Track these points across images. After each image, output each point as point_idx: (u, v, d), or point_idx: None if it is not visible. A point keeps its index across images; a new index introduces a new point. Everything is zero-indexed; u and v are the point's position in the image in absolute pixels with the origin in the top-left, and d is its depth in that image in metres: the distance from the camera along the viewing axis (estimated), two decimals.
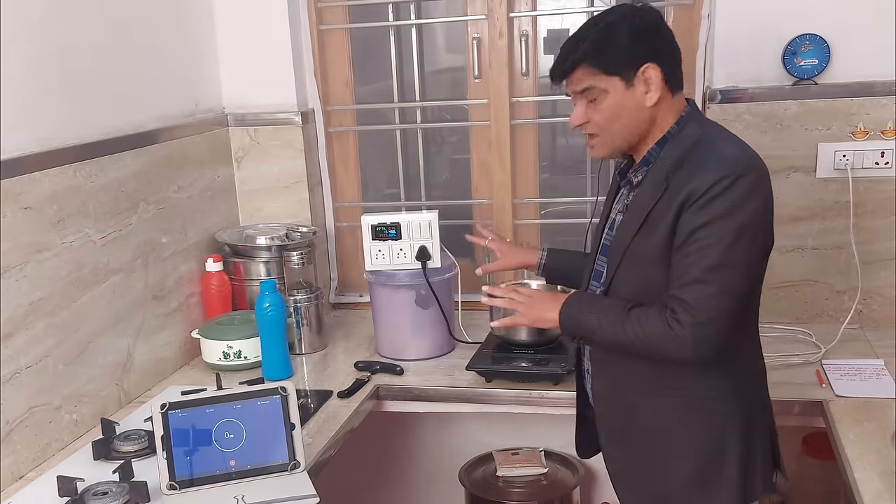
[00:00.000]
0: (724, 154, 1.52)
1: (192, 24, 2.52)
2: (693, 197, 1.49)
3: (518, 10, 2.61)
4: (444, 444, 2.89)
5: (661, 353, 1.54)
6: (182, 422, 1.66)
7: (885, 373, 2.05)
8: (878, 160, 2.29)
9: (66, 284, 1.93)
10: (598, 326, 1.60)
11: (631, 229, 1.60)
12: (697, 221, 1.48)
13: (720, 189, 1.46)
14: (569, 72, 1.58)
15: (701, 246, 1.48)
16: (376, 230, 2.35)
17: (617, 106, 1.57)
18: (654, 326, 1.52)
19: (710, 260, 1.47)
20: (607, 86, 1.56)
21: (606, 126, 1.60)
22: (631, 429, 1.69)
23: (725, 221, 1.47)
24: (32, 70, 1.87)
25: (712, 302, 1.48)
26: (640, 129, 1.60)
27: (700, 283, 1.48)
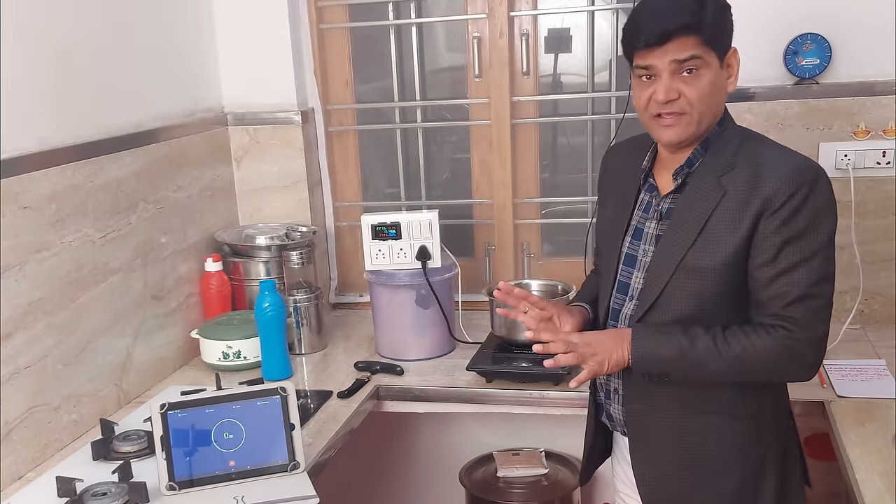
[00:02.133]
0: (791, 159, 1.48)
1: (192, 23, 2.52)
2: (772, 206, 1.43)
3: (519, 9, 2.61)
4: (445, 444, 2.89)
5: (777, 374, 1.53)
6: (181, 422, 1.65)
7: (886, 373, 2.05)
8: (880, 160, 2.29)
9: (65, 284, 1.93)
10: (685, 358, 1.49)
11: (684, 240, 1.51)
12: (785, 235, 1.43)
13: (802, 198, 1.42)
14: (676, 35, 1.44)
15: (797, 260, 1.44)
16: (376, 230, 2.34)
17: (712, 84, 1.48)
18: (767, 349, 1.47)
19: (810, 275, 1.45)
20: (710, 60, 1.47)
21: (699, 102, 1.48)
22: (667, 451, 1.62)
23: (816, 232, 1.44)
24: (32, 70, 1.86)
25: (822, 316, 1.48)
26: (716, 117, 1.53)
27: (808, 298, 1.45)
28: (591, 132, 2.67)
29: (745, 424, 1.57)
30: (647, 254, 1.60)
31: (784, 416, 1.65)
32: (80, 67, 2.01)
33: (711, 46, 1.47)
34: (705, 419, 1.58)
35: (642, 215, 1.62)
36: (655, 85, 1.48)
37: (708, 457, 1.59)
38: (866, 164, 2.30)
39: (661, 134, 1.53)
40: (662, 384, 1.55)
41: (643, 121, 1.56)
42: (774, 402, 1.62)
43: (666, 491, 1.65)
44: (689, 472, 1.61)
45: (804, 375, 1.53)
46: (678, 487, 1.63)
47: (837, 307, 2.34)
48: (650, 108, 1.51)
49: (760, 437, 1.58)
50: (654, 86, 1.49)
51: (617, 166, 1.75)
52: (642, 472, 1.67)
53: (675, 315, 1.54)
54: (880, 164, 2.29)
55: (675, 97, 1.48)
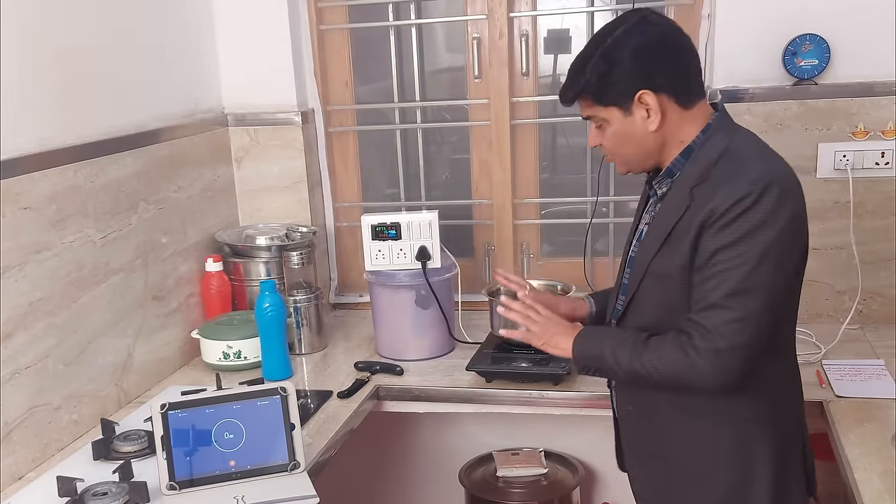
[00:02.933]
0: (748, 169, 1.45)
1: (192, 24, 2.52)
2: (714, 215, 1.43)
3: (518, 10, 2.61)
4: (444, 444, 2.89)
5: (679, 381, 1.49)
6: (182, 422, 1.66)
7: (885, 373, 2.05)
8: (879, 160, 2.29)
9: (65, 284, 1.93)
10: (613, 359, 1.55)
11: (653, 246, 1.55)
12: (718, 242, 1.43)
13: (742, 208, 1.41)
14: (571, 101, 1.59)
15: (722, 269, 1.42)
16: (376, 230, 2.35)
17: (620, 133, 1.55)
18: (671, 354, 1.47)
19: (730, 284, 1.42)
20: (606, 115, 1.55)
21: (616, 150, 1.59)
22: (657, 450, 1.64)
23: (748, 243, 1.41)
24: (32, 70, 1.87)
25: (732, 328, 1.42)
26: (654, 149, 1.55)
27: (720, 308, 1.43)
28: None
29: (733, 430, 1.55)
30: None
31: (785, 424, 1.59)
32: (80, 68, 2.02)
33: (604, 104, 1.54)
34: (693, 423, 1.57)
35: (645, 220, 1.66)
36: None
37: (695, 459, 1.59)
38: (865, 165, 2.30)
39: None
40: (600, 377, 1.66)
41: None
42: (775, 411, 1.58)
43: (655, 488, 1.69)
44: (676, 472, 1.62)
45: (704, 383, 1.46)
46: (667, 485, 1.65)
47: (836, 307, 2.38)
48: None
49: (752, 443, 1.55)
50: None
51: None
52: (633, 467, 1.73)
53: (645, 317, 1.58)
54: (879, 164, 2.29)
55: (597, 144, 1.62)
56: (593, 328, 1.70)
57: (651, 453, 1.66)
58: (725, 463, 1.57)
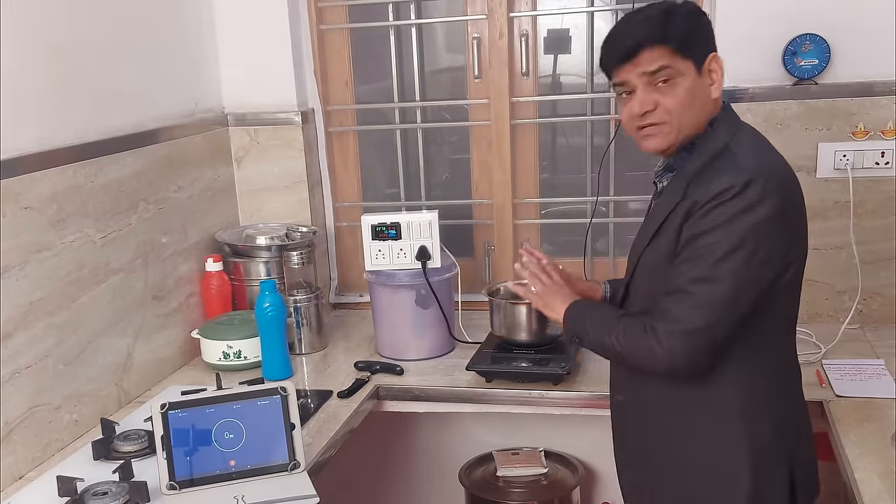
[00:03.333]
0: (738, 163, 1.45)
1: (192, 23, 2.52)
2: (697, 205, 1.44)
3: (518, 10, 2.61)
4: (444, 444, 2.89)
5: (636, 360, 1.54)
6: (182, 422, 1.66)
7: (885, 373, 2.05)
8: (879, 160, 2.29)
9: (65, 284, 1.93)
10: (591, 330, 1.61)
11: (644, 239, 1.57)
12: (695, 230, 1.44)
13: (724, 198, 1.41)
14: (642, 49, 1.46)
15: (693, 255, 1.44)
16: (376, 230, 2.35)
17: (690, 92, 1.48)
18: (633, 333, 1.51)
19: (697, 271, 1.43)
20: (684, 68, 1.47)
21: (677, 111, 1.49)
22: (644, 444, 1.65)
23: (722, 232, 1.41)
24: (32, 69, 1.87)
25: (692, 314, 1.43)
26: (702, 121, 1.52)
27: (683, 293, 1.44)
28: (590, 133, 2.67)
29: (720, 426, 1.55)
30: None
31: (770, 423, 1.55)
32: (80, 68, 2.02)
33: (683, 54, 1.46)
34: (679, 417, 1.58)
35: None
36: (633, 99, 1.51)
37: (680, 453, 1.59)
38: (865, 165, 2.30)
39: (644, 145, 1.55)
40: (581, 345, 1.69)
41: (632, 134, 1.58)
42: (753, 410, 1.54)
43: (641, 480, 1.69)
44: (661, 466, 1.63)
45: (656, 366, 1.49)
46: (652, 479, 1.66)
47: (836, 307, 2.38)
48: (632, 122, 1.54)
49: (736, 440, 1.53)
50: (631, 100, 1.51)
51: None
52: (620, 459, 1.74)
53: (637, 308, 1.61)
54: (879, 164, 2.29)
55: (651, 108, 1.49)
56: (587, 301, 1.74)
57: (636, 446, 1.68)
58: (703, 461, 1.57)
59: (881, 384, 1.99)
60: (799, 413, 1.63)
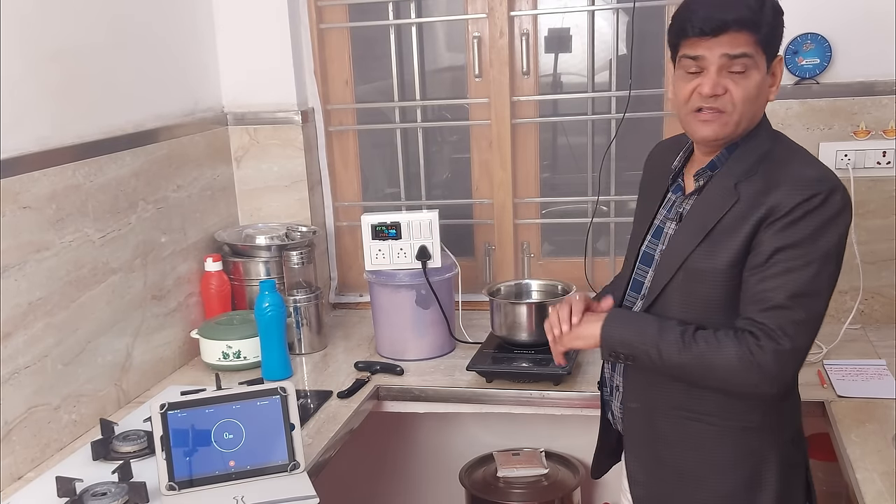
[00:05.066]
0: (808, 171, 1.43)
1: (191, 23, 2.51)
2: (776, 214, 1.39)
3: (519, 9, 2.61)
4: (445, 444, 2.89)
5: (735, 380, 1.43)
6: (181, 422, 1.65)
7: (886, 373, 2.05)
8: (880, 160, 2.29)
9: (64, 284, 1.92)
10: (655, 347, 1.47)
11: (690, 241, 1.49)
12: (780, 242, 1.39)
13: (809, 207, 1.38)
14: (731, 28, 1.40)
15: (784, 269, 1.39)
16: (376, 230, 2.34)
17: (758, 87, 1.44)
18: (730, 352, 1.41)
19: (795, 286, 1.39)
20: (760, 62, 1.43)
21: (742, 104, 1.44)
22: (659, 453, 1.60)
23: (812, 245, 1.38)
24: (31, 69, 1.86)
25: (797, 330, 1.39)
26: (755, 121, 1.49)
27: (784, 308, 1.39)
28: (591, 132, 2.67)
29: (740, 437, 1.53)
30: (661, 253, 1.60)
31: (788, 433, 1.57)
32: (79, 67, 2.01)
33: (763, 48, 1.43)
34: (698, 426, 1.55)
35: (665, 215, 1.61)
36: (702, 78, 1.44)
37: (697, 463, 1.56)
38: (866, 164, 2.30)
39: (697, 129, 1.48)
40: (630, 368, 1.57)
41: (680, 115, 1.51)
42: (781, 419, 1.55)
43: (654, 491, 1.64)
44: (677, 476, 1.59)
45: (765, 388, 1.43)
46: (666, 489, 1.61)
47: (837, 307, 2.37)
48: (692, 102, 1.46)
49: (756, 452, 1.53)
50: (700, 79, 1.44)
51: (654, 165, 1.73)
52: (633, 469, 1.67)
53: (676, 315, 1.51)
54: (880, 163, 2.29)
55: (721, 93, 1.43)
56: (622, 311, 1.60)
57: (652, 455, 1.62)
58: (726, 469, 1.54)
59: (882, 384, 1.99)
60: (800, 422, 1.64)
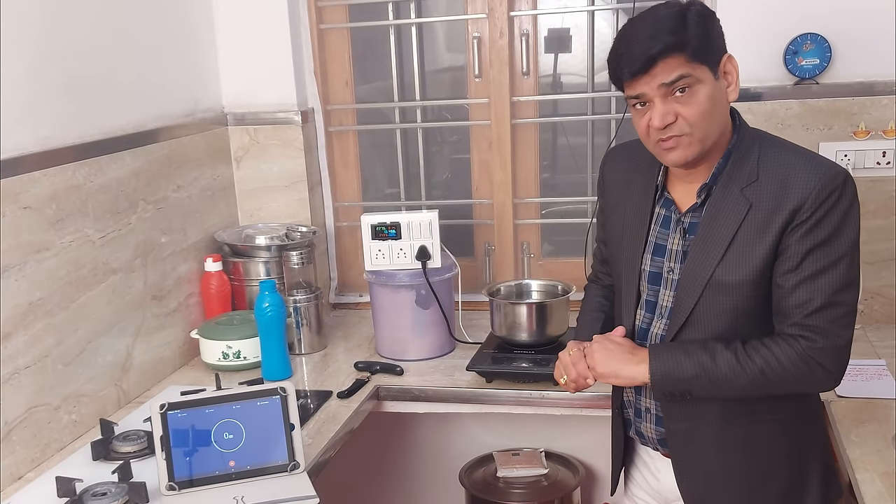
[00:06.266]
0: (816, 169, 1.43)
1: (191, 23, 2.52)
2: (800, 217, 1.41)
3: (519, 9, 2.61)
4: (444, 444, 2.89)
5: (803, 385, 1.49)
6: (181, 422, 1.65)
7: (886, 373, 2.05)
8: (880, 160, 2.29)
9: (65, 284, 1.92)
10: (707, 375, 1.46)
11: (711, 256, 1.47)
12: (810, 243, 1.41)
13: (829, 206, 1.40)
14: (657, 60, 1.39)
15: (819, 269, 1.41)
16: (376, 230, 2.34)
17: (710, 98, 1.42)
18: (789, 360, 1.44)
19: (833, 283, 1.42)
20: (702, 75, 1.41)
21: (699, 122, 1.42)
22: (712, 462, 1.58)
23: (838, 240, 1.41)
24: (32, 69, 1.86)
25: (844, 323, 1.45)
26: (722, 128, 1.49)
27: (831, 306, 1.42)
28: (591, 132, 2.67)
29: (786, 428, 1.56)
30: (673, 271, 1.56)
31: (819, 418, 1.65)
32: (80, 67, 2.01)
33: (700, 60, 1.40)
34: (747, 427, 1.56)
35: (661, 231, 1.58)
36: (651, 111, 1.44)
37: (752, 465, 1.57)
38: (866, 165, 2.30)
39: (665, 157, 1.49)
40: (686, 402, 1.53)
41: (648, 147, 1.51)
42: (809, 405, 1.62)
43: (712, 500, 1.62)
44: (735, 483, 1.58)
45: (830, 384, 1.51)
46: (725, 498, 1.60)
47: None
48: (651, 135, 1.47)
49: (800, 440, 1.57)
50: (649, 112, 1.44)
51: (618, 174, 1.69)
52: (688, 488, 1.63)
53: (708, 333, 1.51)
54: (880, 164, 2.29)
55: (672, 120, 1.43)
56: (662, 346, 1.55)
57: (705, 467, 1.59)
58: (780, 463, 1.57)
59: (882, 384, 1.99)
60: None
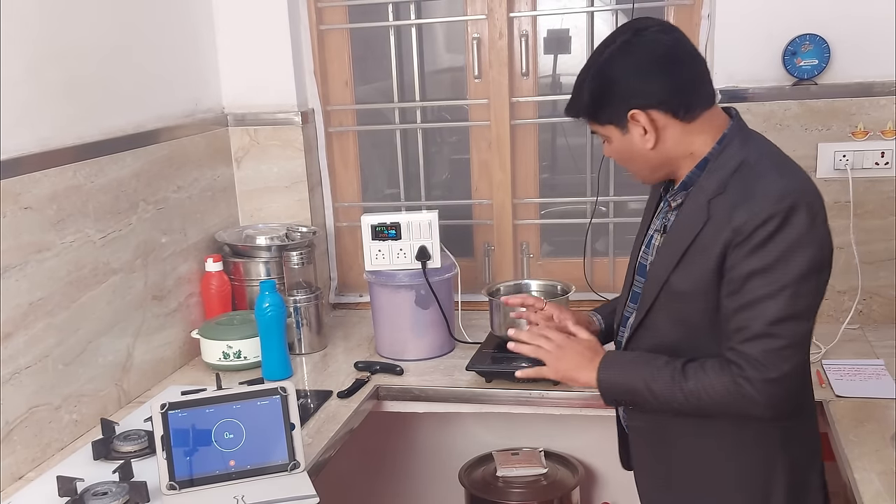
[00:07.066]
0: (771, 185, 1.38)
1: (191, 24, 2.52)
2: (741, 235, 1.37)
3: (518, 10, 2.61)
4: (444, 444, 2.89)
5: (731, 412, 1.44)
6: (182, 422, 1.66)
7: (885, 373, 2.05)
8: (878, 160, 2.29)
9: (65, 284, 1.93)
10: (650, 393, 1.48)
11: (669, 262, 1.49)
12: (751, 266, 1.36)
13: (771, 229, 1.34)
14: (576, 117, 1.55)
15: (761, 295, 1.36)
16: (376, 230, 2.35)
17: (622, 150, 1.52)
18: (719, 385, 1.41)
19: (773, 312, 1.36)
20: (606, 133, 1.52)
21: (625, 164, 1.58)
22: (666, 467, 1.61)
23: (785, 267, 1.35)
24: (32, 70, 1.87)
25: (782, 356, 1.38)
26: (658, 164, 1.51)
27: (767, 337, 1.37)
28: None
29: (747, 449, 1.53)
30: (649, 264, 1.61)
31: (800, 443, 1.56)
32: (80, 68, 2.02)
33: (600, 122, 1.52)
34: (701, 441, 1.55)
35: (655, 226, 1.62)
36: None
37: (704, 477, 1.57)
38: (865, 165, 2.30)
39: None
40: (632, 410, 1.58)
41: None
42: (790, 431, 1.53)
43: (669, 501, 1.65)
44: (686, 491, 1.60)
45: (760, 414, 1.42)
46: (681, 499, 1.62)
47: (836, 307, 2.38)
48: None
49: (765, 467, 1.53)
50: None
51: None
52: (643, 484, 1.69)
53: (661, 336, 1.53)
54: (879, 164, 2.29)
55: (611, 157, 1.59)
56: (615, 356, 1.58)
57: (662, 473, 1.63)
58: (739, 485, 1.54)
59: (881, 384, 1.99)
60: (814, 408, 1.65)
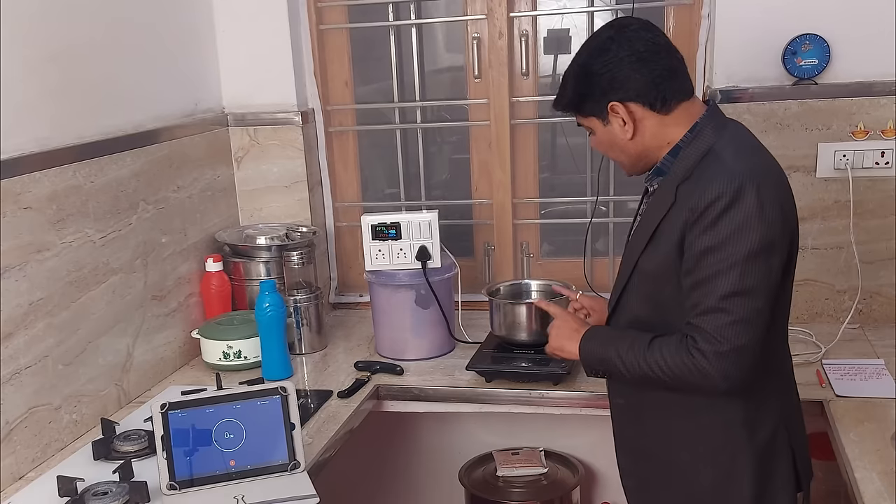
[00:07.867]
0: (725, 167, 1.45)
1: (192, 23, 2.52)
2: (694, 214, 1.43)
3: (518, 10, 2.61)
4: (444, 444, 2.89)
5: (687, 384, 1.49)
6: (182, 422, 1.66)
7: (885, 373, 2.05)
8: (878, 160, 2.29)
9: (65, 284, 1.93)
10: (621, 362, 1.56)
11: (639, 244, 1.57)
12: (704, 244, 1.42)
13: (722, 207, 1.41)
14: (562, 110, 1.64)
15: (713, 272, 1.42)
16: (376, 230, 2.35)
17: (604, 140, 1.61)
18: (676, 358, 1.47)
19: (724, 287, 1.41)
20: (589, 125, 1.61)
21: (608, 154, 1.66)
22: (643, 445, 1.68)
23: (735, 244, 1.40)
24: (32, 70, 1.87)
25: (734, 330, 1.42)
26: (638, 154, 1.59)
27: (718, 311, 1.42)
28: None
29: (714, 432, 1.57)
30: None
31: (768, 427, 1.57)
32: (80, 68, 2.02)
33: (583, 114, 1.60)
34: (672, 422, 1.60)
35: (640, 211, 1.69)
36: None
37: (676, 457, 1.61)
38: (865, 164, 2.30)
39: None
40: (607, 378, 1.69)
41: None
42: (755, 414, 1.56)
43: (643, 483, 1.71)
44: (661, 469, 1.65)
45: (711, 388, 1.47)
46: (655, 479, 1.67)
47: (836, 307, 2.38)
48: None
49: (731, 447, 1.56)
50: None
51: None
52: (623, 462, 1.75)
53: (636, 315, 1.61)
54: (879, 164, 2.29)
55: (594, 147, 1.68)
56: (597, 329, 1.70)
57: (638, 448, 1.70)
58: (706, 462, 1.59)
59: (881, 384, 1.99)
60: (793, 397, 1.67)
